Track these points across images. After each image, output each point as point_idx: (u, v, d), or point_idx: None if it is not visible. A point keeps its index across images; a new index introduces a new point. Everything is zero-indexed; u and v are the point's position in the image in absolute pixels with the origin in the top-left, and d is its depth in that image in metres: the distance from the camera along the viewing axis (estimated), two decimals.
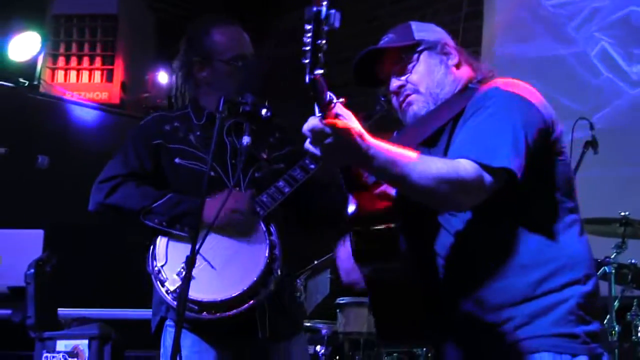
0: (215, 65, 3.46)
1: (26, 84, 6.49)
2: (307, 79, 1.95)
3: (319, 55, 1.95)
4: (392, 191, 2.36)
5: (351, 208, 2.33)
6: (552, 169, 2.35)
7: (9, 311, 4.45)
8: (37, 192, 5.71)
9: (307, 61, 1.94)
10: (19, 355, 4.62)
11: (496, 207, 2.28)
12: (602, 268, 4.77)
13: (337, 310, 5.82)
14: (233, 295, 3.09)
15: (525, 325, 2.25)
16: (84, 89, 6.97)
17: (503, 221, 2.33)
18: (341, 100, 2.09)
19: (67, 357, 3.92)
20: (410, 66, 2.56)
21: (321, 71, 1.96)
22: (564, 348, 2.23)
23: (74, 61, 7.10)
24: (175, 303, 3.11)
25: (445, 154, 2.36)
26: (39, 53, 6.58)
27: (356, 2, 8.08)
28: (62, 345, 3.93)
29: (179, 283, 3.10)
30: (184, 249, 3.10)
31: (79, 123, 6.56)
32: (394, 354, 5.52)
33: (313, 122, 2.03)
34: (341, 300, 5.77)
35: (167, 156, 3.37)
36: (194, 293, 3.03)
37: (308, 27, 1.95)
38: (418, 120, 2.50)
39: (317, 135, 2.03)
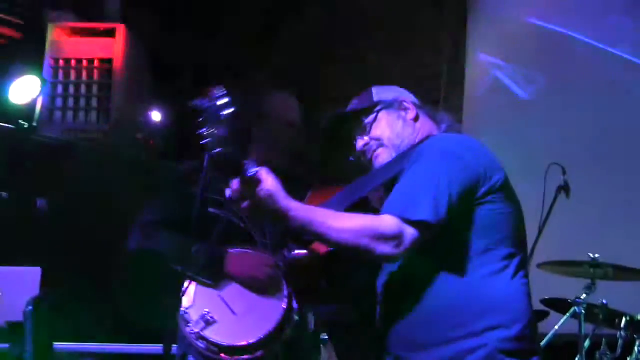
0: (273, 126, 3.68)
1: (26, 126, 6.69)
2: (206, 159, 2.26)
3: (219, 138, 2.20)
4: None
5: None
6: (482, 218, 2.44)
7: (7, 345, 4.59)
8: (35, 232, 5.88)
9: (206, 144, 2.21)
10: None
11: (423, 254, 2.40)
12: (573, 308, 4.91)
13: (321, 346, 5.93)
14: (250, 342, 3.23)
15: None
16: (81, 129, 7.14)
17: (430, 266, 2.43)
18: (256, 170, 2.29)
19: None
20: (371, 125, 2.75)
21: (219, 150, 2.23)
22: None
23: (71, 103, 7.28)
24: (198, 343, 3.30)
25: None
26: (39, 96, 6.79)
27: (343, 43, 8.27)
28: None
29: (202, 326, 3.30)
30: (209, 295, 3.35)
31: (77, 164, 6.74)
32: None
33: (234, 187, 2.30)
34: (325, 336, 5.88)
35: (201, 205, 3.52)
36: (214, 336, 3.27)
37: (200, 119, 2.20)
38: (373, 172, 2.66)
39: (236, 199, 2.30)
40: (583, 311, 4.88)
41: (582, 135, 6.50)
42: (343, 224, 2.34)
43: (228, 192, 3.12)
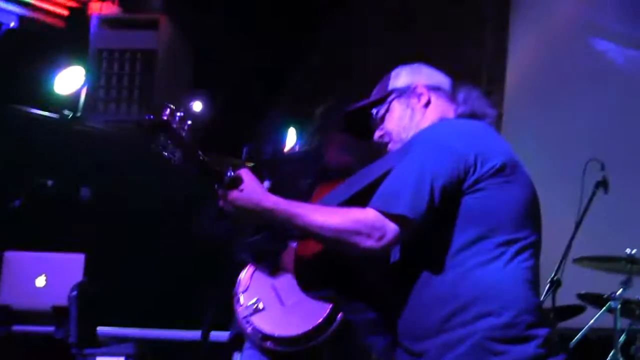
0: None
1: (70, 116, 6.82)
2: (188, 166, 2.26)
3: (193, 145, 2.24)
4: None
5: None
6: (473, 207, 2.37)
7: (52, 328, 4.74)
8: (79, 219, 6.00)
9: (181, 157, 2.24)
10: None
11: (414, 247, 2.39)
12: (608, 303, 4.91)
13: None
14: (291, 335, 3.34)
15: (437, 358, 2.31)
16: (123, 120, 7.25)
17: (420, 260, 2.39)
18: (233, 174, 2.32)
19: None
20: (383, 116, 2.70)
21: (201, 154, 2.26)
22: None
23: (113, 93, 7.39)
24: (245, 326, 3.41)
25: None
26: (83, 86, 6.91)
27: (384, 34, 8.31)
28: None
29: (250, 311, 3.40)
30: (264, 283, 3.44)
31: (119, 154, 6.87)
32: None
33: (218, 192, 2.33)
34: None
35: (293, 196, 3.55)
36: (260, 323, 3.37)
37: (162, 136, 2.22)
38: (372, 165, 2.58)
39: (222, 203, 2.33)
40: (619, 306, 4.86)
41: (621, 131, 6.48)
42: (324, 218, 2.32)
43: (266, 184, 3.23)
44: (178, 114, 2.26)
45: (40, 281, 4.89)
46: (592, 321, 5.07)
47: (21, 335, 4.92)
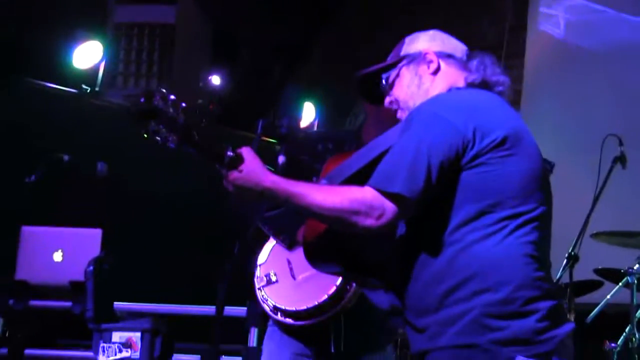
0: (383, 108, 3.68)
1: (88, 91, 6.85)
2: (186, 149, 2.27)
3: (189, 127, 2.25)
4: None
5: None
6: (472, 182, 2.34)
7: (69, 303, 4.73)
8: (96, 195, 6.03)
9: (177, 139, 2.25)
10: (78, 344, 4.91)
11: (416, 223, 2.38)
12: (625, 278, 4.90)
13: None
14: (297, 309, 3.32)
15: (436, 335, 2.31)
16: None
17: (421, 236, 2.38)
18: (233, 153, 2.33)
19: (121, 347, 4.15)
20: (393, 82, 2.66)
21: (197, 138, 2.27)
22: (465, 358, 2.25)
23: (132, 68, 7.44)
24: (260, 297, 3.42)
25: None
26: (101, 61, 6.93)
27: (402, 13, 8.28)
28: (117, 336, 4.17)
29: (264, 283, 3.42)
30: (280, 256, 3.45)
31: (136, 129, 6.87)
32: None
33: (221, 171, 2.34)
34: None
35: (309, 173, 3.44)
36: (271, 294, 3.39)
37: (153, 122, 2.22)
38: (378, 139, 2.55)
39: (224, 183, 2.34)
40: (635, 281, 4.85)
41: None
42: (323, 198, 2.32)
43: (281, 159, 3.23)
44: (170, 97, 2.24)
45: (58, 256, 4.90)
46: (608, 296, 5.07)
47: (38, 310, 4.97)
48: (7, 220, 5.31)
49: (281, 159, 3.25)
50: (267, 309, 3.42)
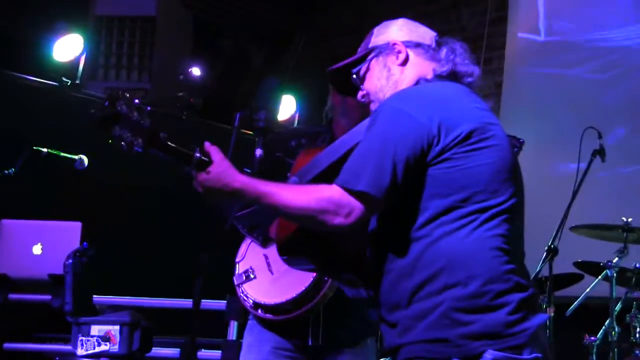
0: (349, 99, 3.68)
1: (69, 83, 6.82)
2: (152, 152, 2.25)
3: (154, 130, 2.24)
4: None
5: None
6: (440, 176, 2.33)
7: (48, 297, 4.74)
8: (76, 188, 6.01)
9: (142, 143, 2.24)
10: (57, 338, 4.90)
11: (384, 220, 2.39)
12: (605, 271, 4.93)
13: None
14: (277, 302, 3.33)
15: (407, 330, 2.30)
16: (122, 87, 7.27)
17: (389, 232, 2.38)
18: (201, 155, 2.32)
19: (100, 341, 4.12)
20: (363, 75, 2.65)
21: (164, 137, 2.26)
22: (436, 353, 2.24)
23: (113, 60, 7.41)
24: (241, 295, 3.43)
25: None
26: (82, 53, 6.90)
27: (383, 3, 8.28)
28: (96, 330, 4.13)
29: (242, 279, 3.42)
30: (258, 253, 3.45)
31: None
32: None
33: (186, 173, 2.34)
34: None
35: (283, 169, 3.45)
36: (251, 291, 3.40)
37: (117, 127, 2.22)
38: (348, 134, 2.54)
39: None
40: (615, 274, 4.89)
41: (618, 99, 6.46)
42: (292, 197, 2.32)
43: (258, 152, 3.24)
44: (134, 101, 2.23)
45: (37, 249, 4.90)
46: (588, 289, 5.11)
47: (18, 303, 4.95)
48: None
49: (258, 152, 3.25)
50: (247, 305, 3.43)
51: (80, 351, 4.14)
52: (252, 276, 3.43)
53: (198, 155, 2.32)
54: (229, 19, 8.40)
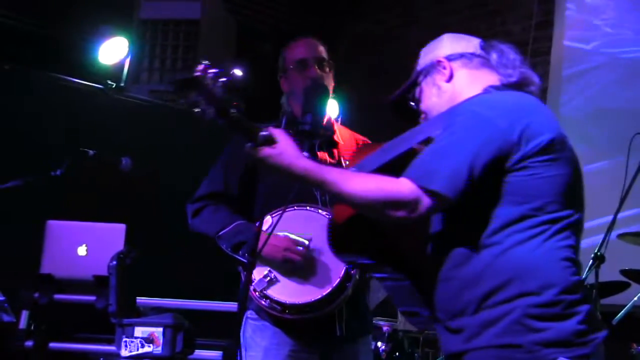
0: (290, 73, 3.72)
1: (113, 86, 6.88)
2: (221, 123, 2.26)
3: (226, 102, 2.24)
4: None
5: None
6: (516, 185, 2.35)
7: (93, 298, 4.78)
8: (120, 190, 6.06)
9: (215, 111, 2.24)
10: (101, 338, 4.93)
11: (452, 222, 2.39)
12: None
13: (398, 309, 6.03)
14: (312, 300, 3.34)
15: (475, 336, 2.32)
16: (167, 90, 7.29)
17: (458, 236, 2.39)
18: (267, 132, 2.34)
19: (143, 342, 4.17)
20: (418, 98, 2.70)
21: (234, 111, 2.26)
22: (508, 358, 2.27)
23: (157, 63, 7.43)
24: (261, 302, 3.41)
25: None
26: (127, 56, 6.95)
27: (428, 9, 8.26)
28: (139, 331, 4.18)
29: (264, 285, 3.40)
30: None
31: (161, 124, 6.91)
32: None
33: (247, 149, 2.35)
34: None
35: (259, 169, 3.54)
36: (278, 295, 3.37)
37: (194, 92, 2.23)
38: (407, 133, 2.56)
39: (252, 158, 2.35)
40: None
41: None
42: (356, 185, 2.32)
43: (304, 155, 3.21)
44: (211, 71, 2.25)
45: (82, 250, 4.94)
46: (635, 298, 5.03)
47: (63, 304, 4.99)
48: (33, 215, 5.34)
49: (305, 155, 3.23)
50: (270, 310, 3.41)
51: (124, 352, 4.17)
52: (274, 279, 3.42)
53: (265, 132, 2.34)
54: (272, 24, 8.41)
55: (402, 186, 2.29)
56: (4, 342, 4.86)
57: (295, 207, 3.45)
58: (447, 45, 2.68)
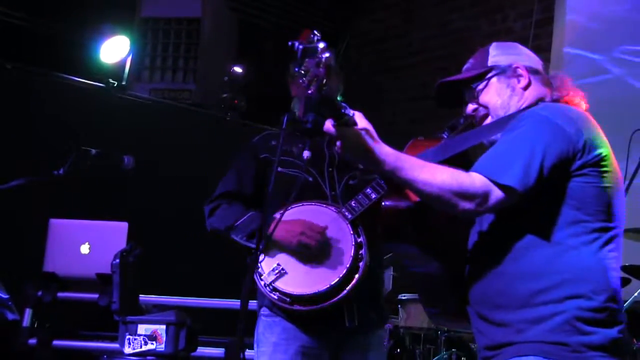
0: (296, 79, 3.74)
1: (115, 85, 6.89)
2: (315, 97, 2.29)
3: (317, 78, 2.28)
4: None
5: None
6: (575, 190, 2.47)
7: (96, 295, 4.80)
8: (123, 188, 6.08)
9: (311, 85, 2.28)
10: (104, 336, 4.95)
11: (512, 218, 2.48)
12: None
13: (399, 306, 6.04)
14: (320, 290, 3.38)
15: (521, 330, 2.42)
16: (168, 88, 7.31)
17: (517, 231, 2.48)
18: (354, 113, 2.38)
19: (146, 340, 4.18)
20: (481, 91, 2.76)
21: (325, 88, 2.30)
22: (553, 354, 2.38)
23: (158, 62, 7.44)
24: (271, 295, 3.46)
25: None
26: (128, 55, 6.97)
27: (429, 6, 8.28)
28: (142, 329, 4.20)
29: (273, 278, 3.45)
30: (279, 250, 3.50)
31: (162, 122, 6.92)
32: (452, 349, 5.70)
33: (327, 125, 2.37)
34: (403, 296, 5.99)
35: (271, 167, 3.64)
36: (286, 287, 3.42)
37: (301, 63, 2.28)
38: (472, 132, 2.71)
39: (332, 137, 2.39)
40: None
41: None
42: (431, 175, 2.40)
43: (306, 154, 3.23)
44: (326, 50, 2.31)
45: (85, 249, 4.96)
46: (636, 294, 5.04)
47: (66, 301, 5.01)
48: (36, 214, 5.36)
49: (306, 154, 3.24)
50: (280, 303, 3.44)
51: (127, 349, 4.19)
52: (283, 272, 3.46)
53: (352, 112, 2.37)
54: (273, 22, 8.42)
55: (474, 179, 2.40)
56: (8, 340, 4.88)
57: (304, 204, 3.53)
58: (525, 56, 2.81)
